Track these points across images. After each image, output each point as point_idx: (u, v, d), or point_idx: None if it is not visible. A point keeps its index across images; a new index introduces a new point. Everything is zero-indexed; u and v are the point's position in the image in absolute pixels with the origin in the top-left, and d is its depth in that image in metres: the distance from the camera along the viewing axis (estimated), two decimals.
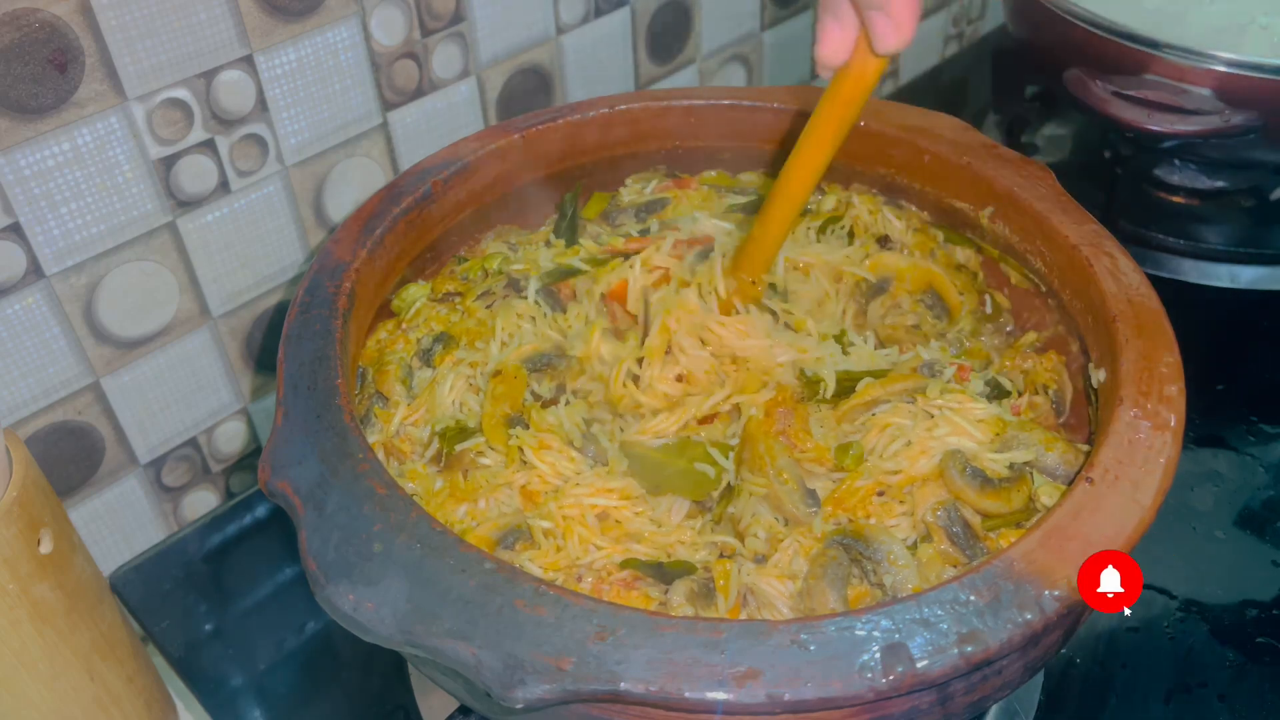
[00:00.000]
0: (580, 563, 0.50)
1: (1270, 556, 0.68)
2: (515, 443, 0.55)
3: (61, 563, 0.52)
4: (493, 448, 0.56)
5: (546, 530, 0.51)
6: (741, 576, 0.50)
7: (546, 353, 0.60)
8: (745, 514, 0.53)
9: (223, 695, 0.64)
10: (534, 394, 0.59)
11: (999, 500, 0.51)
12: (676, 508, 0.54)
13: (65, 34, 0.57)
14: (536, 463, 0.54)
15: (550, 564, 0.50)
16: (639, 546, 0.51)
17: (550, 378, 0.60)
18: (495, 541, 0.51)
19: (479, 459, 0.56)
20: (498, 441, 0.56)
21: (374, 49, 0.72)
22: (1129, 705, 0.61)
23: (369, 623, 0.41)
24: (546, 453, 0.55)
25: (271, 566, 0.71)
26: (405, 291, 0.65)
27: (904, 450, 0.53)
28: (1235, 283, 0.88)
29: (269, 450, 0.48)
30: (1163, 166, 0.92)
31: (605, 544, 0.51)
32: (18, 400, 0.64)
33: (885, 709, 0.41)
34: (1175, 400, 0.49)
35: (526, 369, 0.59)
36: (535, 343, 0.61)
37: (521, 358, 0.60)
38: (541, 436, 0.55)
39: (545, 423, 0.56)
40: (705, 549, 0.52)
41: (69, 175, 0.60)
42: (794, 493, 0.52)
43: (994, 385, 0.59)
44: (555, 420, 0.57)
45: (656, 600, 0.49)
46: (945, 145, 0.67)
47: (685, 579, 0.49)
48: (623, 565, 0.50)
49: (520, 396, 0.58)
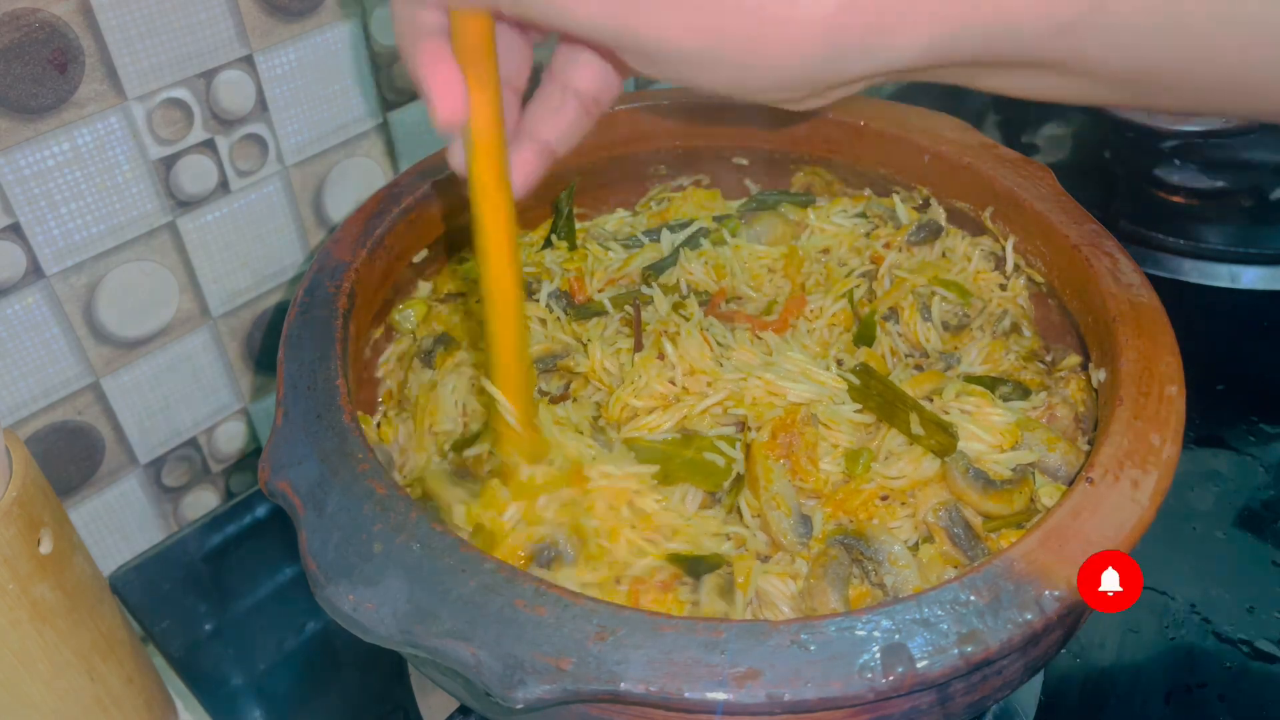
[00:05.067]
0: (625, 572, 0.49)
1: (1270, 556, 0.68)
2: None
3: (61, 563, 0.52)
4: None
5: (594, 529, 0.50)
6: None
7: (557, 353, 0.60)
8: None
9: (223, 695, 0.64)
10: (541, 391, 0.59)
11: (1001, 502, 0.51)
12: (690, 497, 0.53)
13: (65, 34, 0.57)
14: (558, 437, 0.53)
15: (591, 579, 0.49)
16: (675, 542, 0.50)
17: (559, 377, 0.60)
18: (529, 558, 0.50)
19: (492, 458, 0.55)
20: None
21: (374, 49, 0.72)
22: (1129, 705, 0.61)
23: (369, 623, 0.41)
24: (563, 432, 0.53)
25: (271, 566, 0.71)
26: (404, 308, 0.64)
27: (906, 452, 0.53)
28: (1235, 283, 0.88)
29: (269, 450, 0.48)
30: (1163, 166, 0.92)
31: (649, 543, 0.50)
32: (18, 400, 0.64)
33: (885, 709, 0.41)
34: (1175, 400, 0.49)
35: (537, 368, 0.59)
36: (546, 344, 0.60)
37: (533, 356, 0.59)
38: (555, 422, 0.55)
39: (555, 416, 0.56)
40: (726, 541, 0.52)
41: (69, 175, 0.60)
42: (784, 519, 0.51)
43: (1018, 385, 0.58)
44: (564, 414, 0.56)
45: (689, 602, 0.48)
46: (945, 145, 0.67)
47: (715, 574, 0.49)
48: (670, 559, 0.49)
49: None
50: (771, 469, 0.52)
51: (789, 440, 0.53)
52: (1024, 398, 0.57)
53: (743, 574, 0.49)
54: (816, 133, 0.72)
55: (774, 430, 0.53)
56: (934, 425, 0.53)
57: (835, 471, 0.53)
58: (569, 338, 0.61)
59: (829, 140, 0.72)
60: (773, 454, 0.53)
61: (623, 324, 0.62)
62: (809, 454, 0.53)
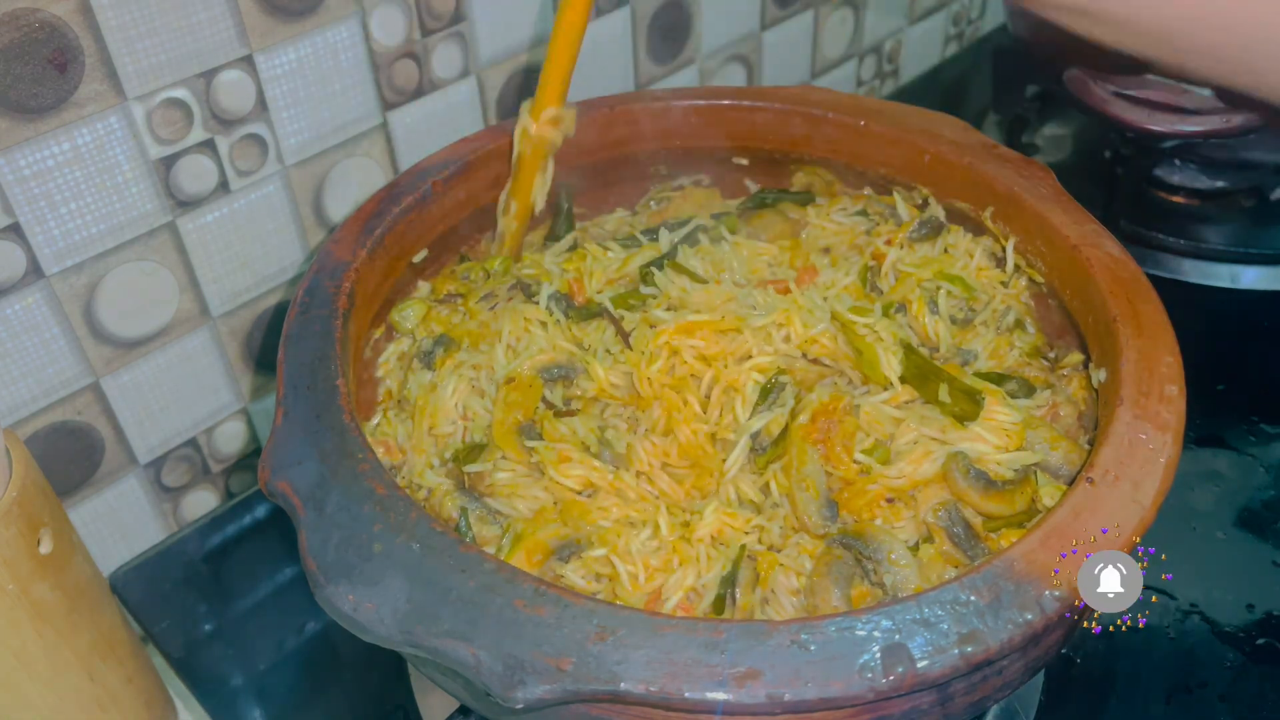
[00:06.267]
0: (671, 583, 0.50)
1: (1270, 557, 0.68)
2: (536, 459, 0.54)
3: (61, 563, 0.52)
4: (506, 457, 0.55)
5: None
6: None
7: (562, 365, 0.59)
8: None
9: (223, 695, 0.64)
10: (546, 402, 0.58)
11: (1002, 503, 0.51)
12: (733, 458, 0.54)
13: (65, 34, 0.57)
14: (558, 477, 0.53)
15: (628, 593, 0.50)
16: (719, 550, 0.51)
17: (564, 386, 0.59)
18: (548, 555, 0.51)
19: (495, 474, 0.55)
20: (508, 448, 0.55)
21: (374, 49, 0.72)
22: (1129, 705, 0.61)
23: (369, 623, 0.41)
24: (568, 465, 0.54)
25: (271, 566, 0.71)
26: (404, 308, 0.64)
27: (909, 451, 0.53)
28: (1236, 283, 0.88)
29: (269, 450, 0.48)
30: (1163, 166, 0.92)
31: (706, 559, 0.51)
32: (18, 400, 0.64)
33: (885, 709, 0.41)
34: (1175, 400, 0.49)
35: (542, 378, 0.58)
36: (551, 353, 0.59)
37: (537, 367, 0.58)
38: (560, 449, 0.54)
39: (558, 433, 0.55)
40: (753, 533, 0.52)
41: (69, 175, 0.60)
42: (813, 501, 0.52)
43: (1023, 382, 0.58)
44: (569, 430, 0.56)
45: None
46: (945, 145, 0.67)
47: (747, 570, 0.50)
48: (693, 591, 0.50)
49: (534, 405, 0.57)
50: (806, 451, 0.53)
51: (828, 426, 0.54)
52: (1029, 395, 0.57)
53: (764, 570, 0.50)
54: (817, 132, 0.72)
55: (814, 414, 0.54)
56: (961, 394, 0.54)
57: (866, 463, 0.54)
58: (570, 345, 0.61)
59: (829, 140, 0.72)
60: (810, 437, 0.53)
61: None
62: (845, 443, 0.54)
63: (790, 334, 0.58)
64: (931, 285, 0.63)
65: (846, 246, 0.69)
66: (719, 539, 0.52)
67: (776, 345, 0.58)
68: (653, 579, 0.50)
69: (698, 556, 0.50)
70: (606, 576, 0.51)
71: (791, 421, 0.54)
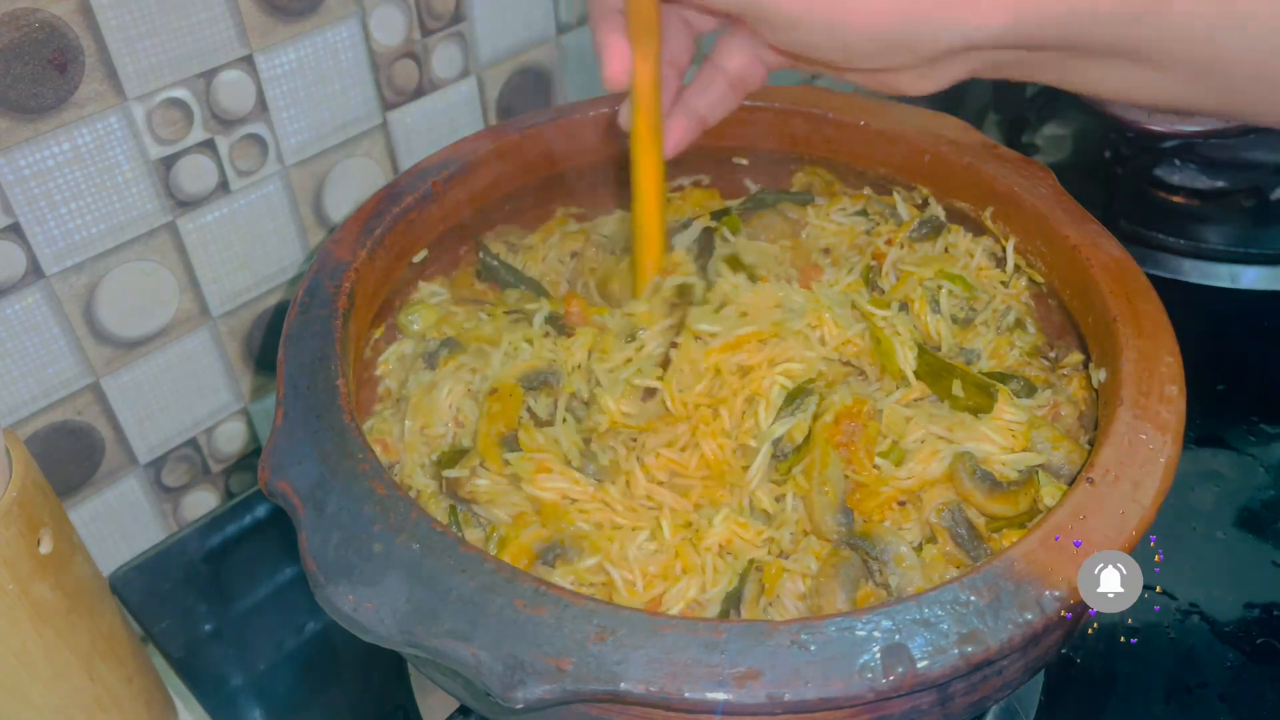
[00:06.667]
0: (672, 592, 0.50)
1: (1270, 557, 0.68)
2: (510, 470, 0.53)
3: (61, 563, 0.52)
4: (485, 466, 0.54)
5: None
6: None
7: (542, 370, 0.58)
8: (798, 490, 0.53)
9: (223, 695, 0.64)
10: (530, 412, 0.57)
11: (1007, 504, 0.51)
12: (757, 464, 0.53)
13: (65, 34, 0.57)
14: (533, 490, 0.52)
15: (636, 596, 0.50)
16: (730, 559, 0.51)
17: (547, 394, 0.58)
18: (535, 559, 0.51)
19: (475, 480, 0.54)
20: (490, 459, 0.54)
21: (374, 49, 0.72)
22: (1129, 705, 0.61)
23: (369, 623, 0.41)
24: (545, 476, 0.53)
25: (271, 566, 0.71)
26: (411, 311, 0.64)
27: (917, 450, 0.53)
28: (1236, 283, 0.88)
29: (269, 450, 0.48)
30: (1163, 166, 0.92)
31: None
32: (18, 400, 0.64)
33: (886, 709, 0.41)
34: (1175, 400, 0.49)
35: (522, 386, 0.57)
36: (531, 360, 0.58)
37: (517, 375, 0.57)
38: (539, 459, 0.53)
39: (535, 442, 0.54)
40: (763, 546, 0.52)
41: (69, 175, 0.60)
42: (830, 505, 0.51)
43: (1026, 382, 0.58)
44: (547, 439, 0.55)
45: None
46: (945, 145, 0.67)
47: (753, 584, 0.50)
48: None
49: (516, 415, 0.56)
50: (829, 453, 0.52)
51: (852, 429, 0.53)
52: (1030, 395, 0.58)
53: (770, 580, 0.49)
54: (817, 132, 0.72)
55: (838, 416, 0.53)
56: (974, 388, 0.55)
57: (884, 468, 0.53)
58: (553, 352, 0.59)
59: (829, 140, 0.71)
60: (834, 440, 0.53)
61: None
62: (868, 448, 0.53)
63: (824, 335, 0.58)
64: (933, 284, 0.63)
65: (847, 246, 0.69)
66: (727, 548, 0.51)
67: (815, 349, 0.57)
68: (652, 586, 0.49)
69: (704, 566, 0.50)
70: (601, 584, 0.50)
71: (814, 424, 0.53)
